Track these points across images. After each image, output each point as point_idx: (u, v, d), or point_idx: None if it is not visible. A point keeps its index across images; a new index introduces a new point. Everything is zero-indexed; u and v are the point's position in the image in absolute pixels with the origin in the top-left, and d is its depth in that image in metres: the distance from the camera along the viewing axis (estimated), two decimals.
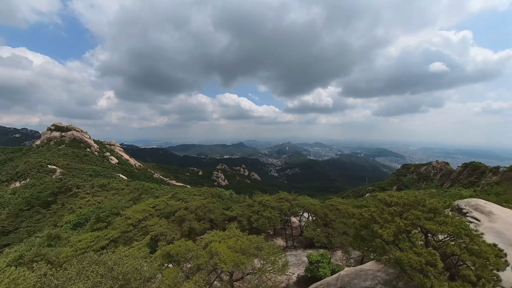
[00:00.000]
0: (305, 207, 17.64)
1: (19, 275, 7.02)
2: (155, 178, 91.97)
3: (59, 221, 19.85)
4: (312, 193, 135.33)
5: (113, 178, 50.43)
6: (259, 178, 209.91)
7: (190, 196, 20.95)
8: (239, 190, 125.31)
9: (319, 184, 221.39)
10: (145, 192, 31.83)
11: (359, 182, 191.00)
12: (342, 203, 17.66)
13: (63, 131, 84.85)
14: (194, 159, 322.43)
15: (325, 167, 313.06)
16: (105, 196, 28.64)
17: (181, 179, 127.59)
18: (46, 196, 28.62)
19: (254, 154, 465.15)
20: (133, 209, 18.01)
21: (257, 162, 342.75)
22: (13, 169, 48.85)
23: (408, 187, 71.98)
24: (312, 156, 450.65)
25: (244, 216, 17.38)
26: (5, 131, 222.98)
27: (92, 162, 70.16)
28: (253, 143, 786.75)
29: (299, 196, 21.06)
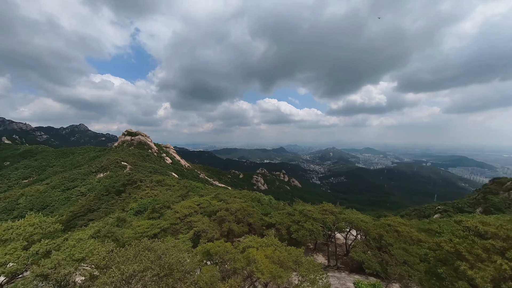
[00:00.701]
0: (354, 223, 15.51)
1: (95, 247, 8.74)
2: (200, 178, 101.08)
3: (126, 207, 24.25)
4: (360, 207, 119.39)
5: (167, 175, 58.33)
6: (299, 185, 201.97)
7: (231, 198, 21.77)
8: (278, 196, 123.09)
9: (370, 197, 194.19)
10: (192, 190, 35.09)
11: (424, 199, 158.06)
12: (402, 224, 14.65)
13: (132, 135, 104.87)
14: (235, 162, 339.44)
15: (377, 177, 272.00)
16: (160, 190, 33.35)
17: (223, 181, 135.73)
18: (119, 186, 36.04)
19: (295, 159, 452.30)
20: (181, 204, 20.01)
21: (298, 168, 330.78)
22: (99, 164, 63.24)
23: (502, 211, 53.38)
24: (362, 164, 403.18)
25: (283, 225, 16.74)
26: (96, 135, 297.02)
27: (152, 161, 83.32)
28: (294, 148, 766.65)
29: (346, 209, 18.85)
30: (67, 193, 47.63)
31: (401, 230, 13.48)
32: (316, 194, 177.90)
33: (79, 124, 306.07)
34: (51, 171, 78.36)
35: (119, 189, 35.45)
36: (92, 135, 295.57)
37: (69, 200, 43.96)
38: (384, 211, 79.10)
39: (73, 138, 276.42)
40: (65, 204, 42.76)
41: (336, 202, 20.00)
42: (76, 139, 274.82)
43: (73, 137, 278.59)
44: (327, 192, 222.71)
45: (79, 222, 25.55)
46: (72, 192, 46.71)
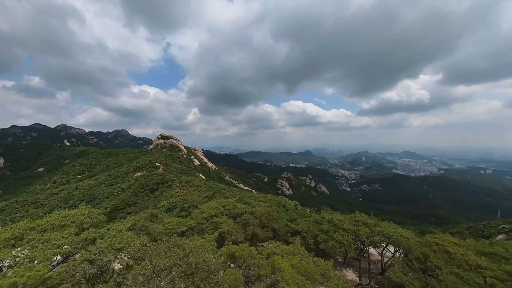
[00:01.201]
0: (392, 239, 13.78)
1: (132, 239, 9.64)
2: (226, 180, 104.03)
3: (158, 204, 26.39)
4: (399, 220, 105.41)
5: (195, 176, 61.70)
6: (327, 191, 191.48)
7: (256, 202, 21.76)
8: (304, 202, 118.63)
9: (410, 209, 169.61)
10: (218, 192, 36.29)
11: (482, 214, 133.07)
12: (455, 244, 12.28)
13: (165, 139, 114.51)
14: (260, 165, 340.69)
15: (420, 186, 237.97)
16: (188, 190, 35.44)
17: (248, 184, 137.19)
18: (152, 185, 39.67)
19: (322, 163, 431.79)
20: (208, 205, 20.77)
21: (326, 173, 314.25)
22: (137, 164, 70.50)
23: None
24: (400, 170, 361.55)
25: (310, 233, 15.92)
26: (135, 139, 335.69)
27: (182, 162, 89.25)
28: (321, 152, 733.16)
29: (382, 221, 16.99)
30: (110, 188, 54.40)
31: (453, 251, 11.19)
32: (345, 202, 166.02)
33: (122, 129, 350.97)
34: (99, 169, 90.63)
35: (152, 187, 39.07)
36: (132, 139, 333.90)
37: (111, 195, 50.09)
38: (428, 226, 69.10)
39: (117, 141, 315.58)
40: (108, 198, 48.85)
41: (369, 213, 18.24)
42: (119, 142, 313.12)
43: (116, 140, 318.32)
44: (358, 200, 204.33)
45: (119, 215, 28.84)
46: (115, 188, 53.13)
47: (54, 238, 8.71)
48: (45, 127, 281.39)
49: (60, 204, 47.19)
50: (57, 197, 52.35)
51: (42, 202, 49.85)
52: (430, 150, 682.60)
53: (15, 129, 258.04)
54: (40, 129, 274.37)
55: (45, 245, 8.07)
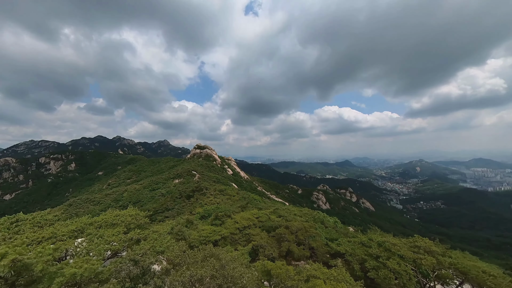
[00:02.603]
0: (470, 275, 10.94)
1: (171, 244, 10.16)
2: (258, 190, 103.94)
3: (193, 211, 27.83)
4: (474, 250, 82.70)
5: (228, 185, 63.58)
6: (371, 207, 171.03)
7: (291, 215, 20.81)
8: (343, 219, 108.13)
9: (491, 236, 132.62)
10: (250, 202, 36.27)
11: None
12: None
13: (201, 149, 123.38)
14: (293, 176, 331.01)
15: (503, 205, 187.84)
16: (222, 199, 36.55)
17: (281, 195, 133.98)
18: (189, 192, 42.51)
19: (365, 175, 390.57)
20: (241, 215, 20.77)
21: (369, 186, 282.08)
22: (176, 172, 77.14)
23: None
24: (470, 183, 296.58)
25: (355, 257, 14.09)
26: (175, 149, 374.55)
27: (216, 171, 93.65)
28: (363, 161, 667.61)
29: (453, 250, 13.85)
30: (152, 193, 60.83)
31: None
32: (396, 223, 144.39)
33: (164, 140, 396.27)
34: (144, 175, 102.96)
35: (189, 194, 41.83)
36: (172, 148, 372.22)
37: (153, 198, 55.83)
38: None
39: (159, 151, 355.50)
40: (150, 201, 54.55)
41: (431, 238, 15.16)
42: (161, 151, 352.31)
43: (159, 150, 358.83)
44: (413, 221, 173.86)
45: (158, 217, 31.58)
46: (156, 193, 59.14)
47: (107, 234, 9.87)
48: (105, 139, 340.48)
49: (112, 204, 55.01)
50: (110, 197, 61.39)
51: (99, 201, 59.16)
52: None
53: (84, 140, 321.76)
54: (101, 140, 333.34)
55: (99, 240, 9.19)
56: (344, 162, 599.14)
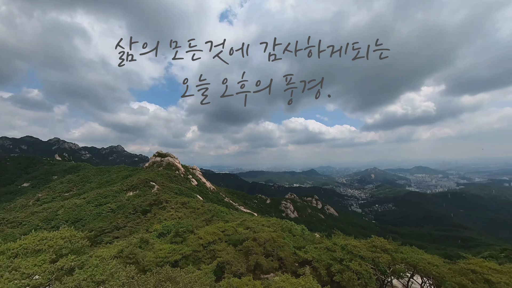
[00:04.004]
0: (418, 267, 12.34)
1: (117, 270, 8.61)
2: (225, 201, 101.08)
3: (150, 228, 24.96)
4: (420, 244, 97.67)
5: (192, 197, 59.94)
6: (335, 213, 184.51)
7: (259, 226, 20.51)
8: (310, 226, 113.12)
9: (431, 231, 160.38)
10: (216, 215, 34.75)
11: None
12: (496, 272, 10.86)
13: (162, 156, 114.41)
14: (262, 186, 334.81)
15: (439, 204, 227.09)
16: (184, 213, 33.97)
17: (249, 206, 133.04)
18: (145, 206, 38.22)
19: (329, 183, 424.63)
20: (205, 230, 19.54)
21: (333, 193, 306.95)
22: (130, 182, 69.27)
23: None
24: (414, 187, 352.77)
25: (322, 263, 14.52)
26: (130, 156, 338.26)
27: (178, 182, 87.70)
28: (327, 170, 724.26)
29: (404, 246, 15.58)
30: (99, 208, 52.61)
31: (496, 280, 9.89)
32: (357, 226, 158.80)
33: (117, 145, 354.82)
34: (89, 186, 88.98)
35: (145, 209, 37.55)
36: (127, 155, 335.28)
37: (99, 215, 48.21)
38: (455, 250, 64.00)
39: (111, 158, 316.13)
40: (95, 219, 46.93)
41: (386, 236, 16.85)
42: (113, 158, 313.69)
43: (111, 157, 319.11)
44: (371, 223, 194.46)
45: (105, 239, 27.18)
46: (103, 208, 51.37)
47: (25, 265, 7.80)
48: (37, 140, 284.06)
49: (40, 225, 45.19)
50: (38, 216, 50.36)
51: (21, 221, 47.83)
52: (444, 163, 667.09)
53: (4, 140, 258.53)
54: (31, 141, 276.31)
55: (12, 274, 7.17)
56: (310, 171, 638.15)
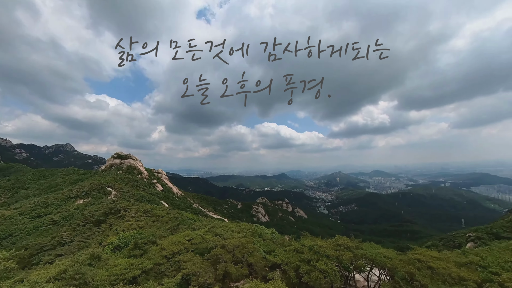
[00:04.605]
0: (376, 261, 13.57)
1: None
2: (194, 208, 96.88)
3: (104, 241, 22.15)
4: (377, 239, 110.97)
5: (156, 204, 55.73)
6: (305, 215, 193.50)
7: (228, 232, 20.05)
8: (281, 229, 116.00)
9: (386, 227, 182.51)
10: (183, 222, 32.92)
11: (449, 225, 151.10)
12: (436, 259, 12.64)
13: (122, 158, 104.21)
14: (233, 190, 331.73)
15: (392, 203, 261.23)
16: (146, 222, 31.15)
17: (219, 211, 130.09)
18: (99, 215, 33.83)
19: (299, 186, 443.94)
20: (170, 239, 18.30)
21: (302, 196, 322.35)
22: (81, 188, 61.03)
23: None
24: (372, 189, 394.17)
25: (291, 265, 14.87)
26: (82, 157, 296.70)
27: (141, 187, 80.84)
28: (297, 174, 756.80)
29: (364, 243, 16.99)
30: (37, 220, 44.54)
31: (436, 266, 11.49)
32: (325, 226, 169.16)
33: (66, 143, 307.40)
34: (24, 193, 75.06)
35: (99, 219, 33.10)
36: (78, 156, 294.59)
37: (38, 230, 40.81)
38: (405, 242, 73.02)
39: (57, 159, 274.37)
40: (32, 234, 39.56)
41: (349, 235, 18.21)
42: (59, 159, 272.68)
43: (56, 157, 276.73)
44: (337, 222, 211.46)
45: (44, 258, 22.98)
46: (43, 220, 43.71)
47: None
48: None
49: None
50: None
51: None
52: (396, 168, 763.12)
53: None
54: None
55: None
56: (281, 175, 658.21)
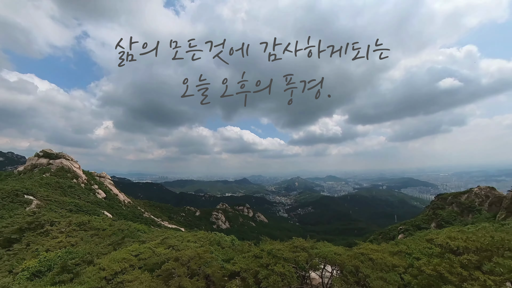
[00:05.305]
0: (328, 258, 14.81)
1: None
2: (144, 217, 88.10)
3: (17, 266, 17.65)
4: (331, 238, 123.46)
5: (96, 215, 48.27)
6: (265, 220, 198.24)
7: (183, 243, 18.73)
8: (242, 235, 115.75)
9: (338, 226, 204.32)
10: (130, 235, 29.49)
11: (386, 221, 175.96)
12: (375, 251, 14.61)
13: (51, 158, 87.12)
14: (191, 196, 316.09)
15: (342, 205, 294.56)
16: (81, 237, 26.39)
17: (175, 220, 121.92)
18: (10, 233, 26.59)
19: (260, 191, 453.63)
20: (111, 257, 15.97)
21: (263, 201, 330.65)
22: None
23: (450, 223, 63.43)
24: (326, 192, 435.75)
25: (250, 272, 14.75)
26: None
27: (76, 195, 68.98)
28: (259, 179, 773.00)
29: (318, 242, 18.30)
30: None
31: (375, 257, 13.11)
32: (284, 229, 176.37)
33: None
34: None
35: (10, 238, 25.88)
36: None
37: None
38: (353, 238, 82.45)
39: None
40: None
41: (306, 236, 19.34)
42: None
43: None
44: (295, 225, 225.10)
45: None
46: None
47: None
48: None
49: None
50: None
51: None
52: (346, 173, 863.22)
53: None
54: None
55: None
56: (243, 180, 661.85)
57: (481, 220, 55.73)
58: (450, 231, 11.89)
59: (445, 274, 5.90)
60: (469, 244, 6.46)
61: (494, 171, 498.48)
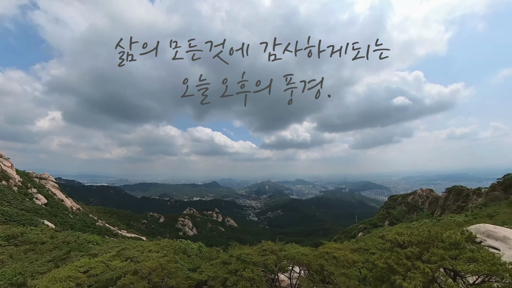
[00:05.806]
0: (295, 259, 15.38)
1: None
2: (97, 226, 78.94)
3: None
4: (299, 239, 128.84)
5: (33, 226, 41.33)
6: (235, 224, 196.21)
7: (144, 253, 17.13)
8: (211, 241, 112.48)
9: (305, 227, 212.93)
10: (78, 248, 26.00)
11: (348, 221, 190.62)
12: (338, 249, 15.77)
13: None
14: (155, 201, 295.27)
15: (310, 207, 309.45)
16: (10, 254, 22.09)
17: (136, 228, 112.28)
18: None
19: (230, 195, 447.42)
20: (52, 275, 13.68)
21: (233, 205, 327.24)
22: None
23: (400, 220, 73.63)
24: (295, 195, 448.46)
25: (218, 279, 14.24)
26: None
27: (5, 201, 58.13)
28: (229, 183, 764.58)
29: (286, 244, 18.80)
30: None
31: (338, 255, 14.10)
32: (254, 233, 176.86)
33: None
34: None
35: None
36: None
37: None
38: (320, 238, 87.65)
39: None
40: None
41: (275, 238, 19.62)
42: None
43: None
44: (265, 228, 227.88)
45: None
46: None
47: None
48: None
49: None
50: None
51: None
52: (313, 177, 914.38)
53: None
54: None
55: None
56: (212, 183, 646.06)
57: (423, 217, 65.38)
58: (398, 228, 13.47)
59: (394, 265, 6.70)
60: (412, 238, 7.45)
61: (433, 175, 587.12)
